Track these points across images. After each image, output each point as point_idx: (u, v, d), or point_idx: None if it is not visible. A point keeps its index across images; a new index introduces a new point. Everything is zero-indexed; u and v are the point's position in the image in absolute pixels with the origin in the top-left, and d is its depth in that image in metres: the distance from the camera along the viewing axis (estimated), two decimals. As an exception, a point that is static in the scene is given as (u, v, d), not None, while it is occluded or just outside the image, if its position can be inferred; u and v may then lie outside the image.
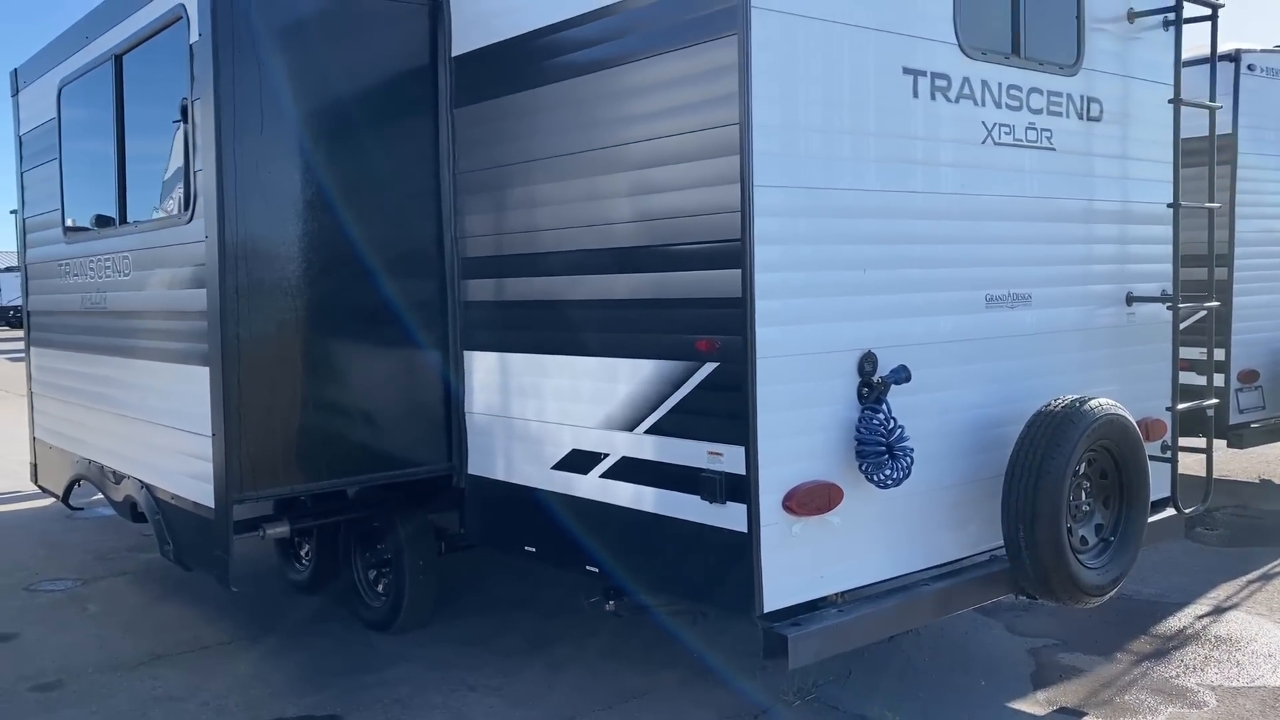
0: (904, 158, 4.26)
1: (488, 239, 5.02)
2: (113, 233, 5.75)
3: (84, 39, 5.90)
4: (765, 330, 3.79)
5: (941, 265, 4.40)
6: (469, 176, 5.07)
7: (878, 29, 4.12)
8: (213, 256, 4.54)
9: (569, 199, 4.54)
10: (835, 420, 4.04)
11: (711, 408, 3.94)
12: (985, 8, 4.51)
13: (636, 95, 4.17)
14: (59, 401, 6.82)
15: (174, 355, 5.04)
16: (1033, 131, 4.73)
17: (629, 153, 4.22)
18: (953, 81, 4.39)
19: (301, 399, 4.86)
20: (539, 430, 4.79)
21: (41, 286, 7.04)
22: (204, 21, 4.48)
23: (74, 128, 6.25)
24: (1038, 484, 4.24)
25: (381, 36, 5.00)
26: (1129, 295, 5.23)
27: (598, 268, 4.42)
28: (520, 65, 4.70)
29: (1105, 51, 5.03)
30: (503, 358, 4.98)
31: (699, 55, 3.88)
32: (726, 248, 3.82)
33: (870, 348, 4.12)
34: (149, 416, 5.38)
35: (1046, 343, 4.83)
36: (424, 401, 5.21)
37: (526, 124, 4.72)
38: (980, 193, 4.54)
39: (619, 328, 4.33)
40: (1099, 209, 5.08)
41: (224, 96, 4.47)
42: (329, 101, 4.90)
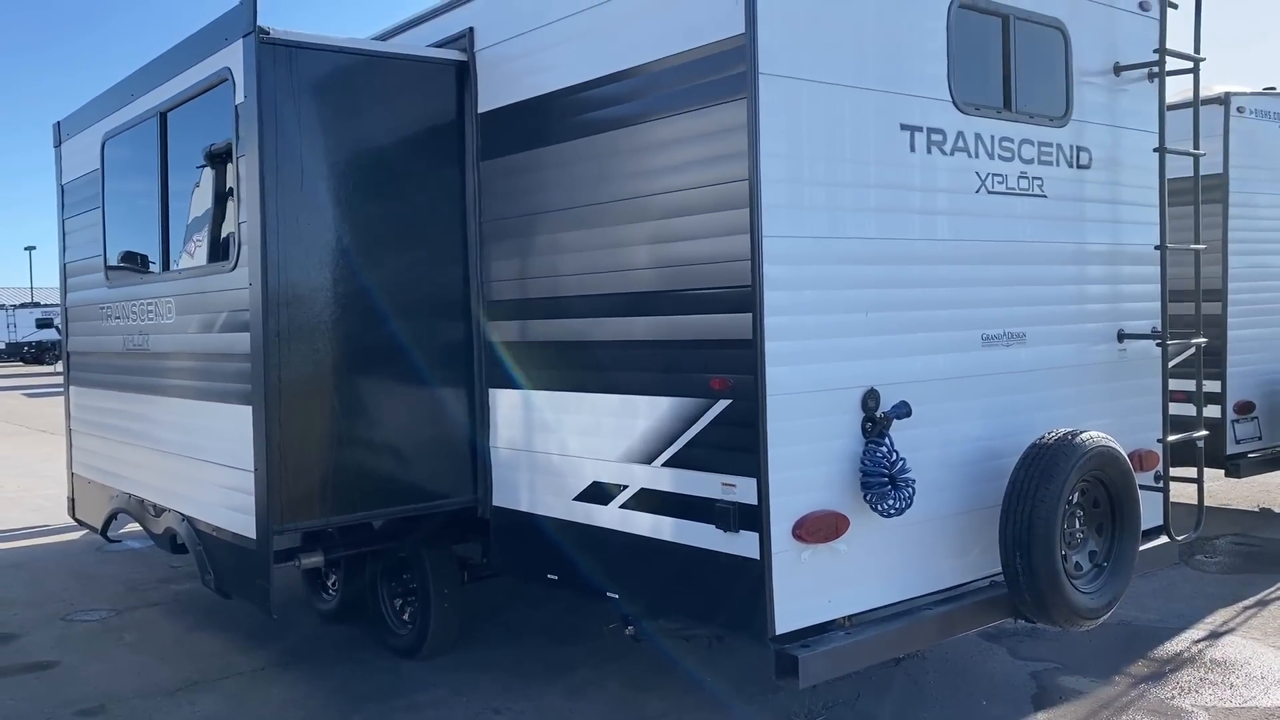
0: (902, 207, 4.56)
1: (512, 283, 5.32)
2: (155, 278, 6.07)
3: (129, 96, 6.25)
4: (775, 369, 4.07)
5: (939, 307, 4.69)
6: (494, 225, 5.38)
7: (877, 89, 4.43)
8: (256, 302, 4.84)
9: (590, 246, 4.84)
10: (841, 453, 4.31)
11: (725, 442, 4.21)
12: (978, 66, 4.82)
13: (653, 151, 4.48)
14: (99, 438, 7.11)
15: (216, 395, 5.34)
16: (1024, 180, 5.03)
17: (647, 204, 4.52)
18: (948, 135, 4.69)
19: (337, 435, 5.15)
20: (561, 463, 5.07)
21: (82, 328, 7.36)
22: (249, 84, 4.82)
23: (117, 179, 6.59)
24: (1033, 513, 4.50)
25: (413, 94, 5.33)
26: (1120, 332, 5.50)
27: (617, 310, 4.71)
28: (544, 122, 5.02)
29: (1093, 103, 5.34)
30: (526, 395, 5.27)
31: (711, 116, 4.19)
32: (738, 293, 4.11)
33: (873, 385, 4.40)
34: (191, 453, 5.67)
35: (1041, 379, 5.10)
36: (450, 437, 5.49)
37: (549, 176, 5.03)
38: (975, 238, 4.83)
39: (638, 367, 4.62)
40: (1090, 251, 5.36)
41: (267, 154, 4.80)
42: (363, 155, 5.23)
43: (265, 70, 4.79)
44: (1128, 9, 5.52)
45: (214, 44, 5.12)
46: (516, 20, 5.14)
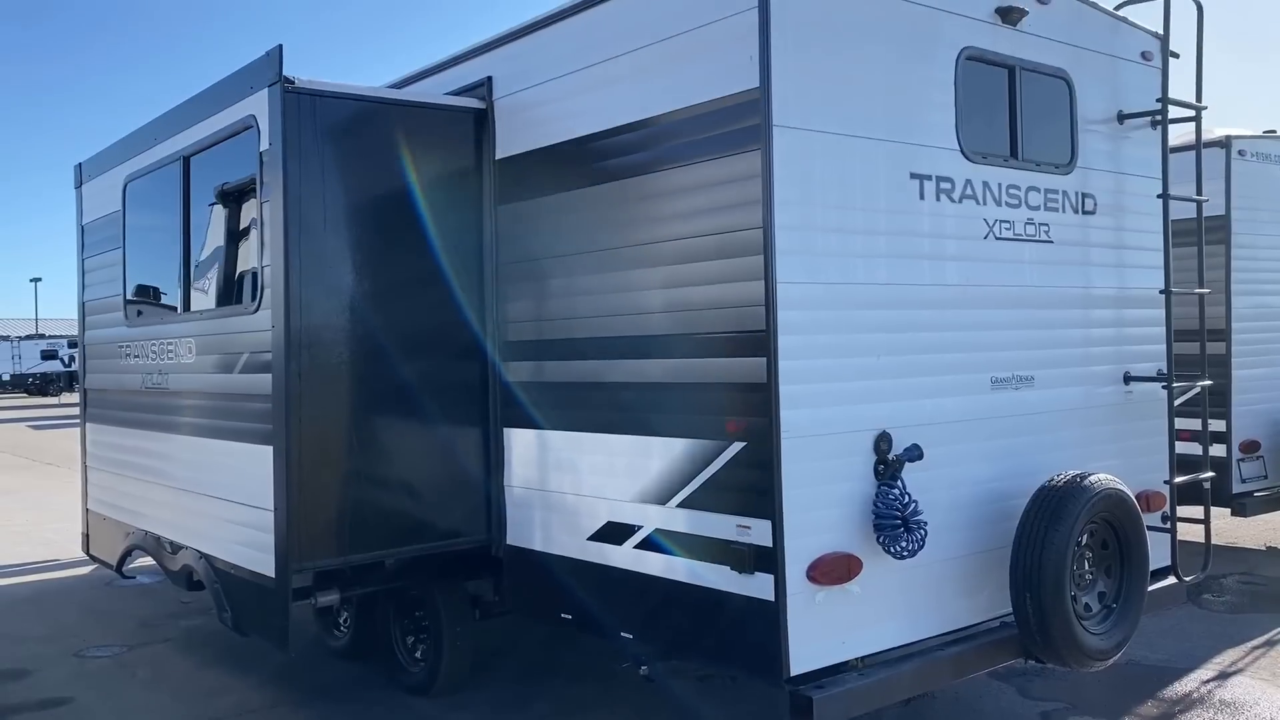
0: (913, 253, 4.65)
1: (527, 324, 5.42)
2: (176, 318, 6.17)
3: (152, 140, 6.39)
4: (789, 413, 4.15)
5: (949, 350, 4.77)
6: (510, 267, 5.48)
7: (887, 139, 4.55)
8: (278, 344, 4.94)
9: (605, 290, 4.93)
10: (854, 495, 4.38)
11: (740, 484, 4.28)
12: (985, 117, 4.93)
13: (668, 198, 4.59)
14: (116, 475, 7.19)
15: (237, 434, 5.42)
16: (1031, 226, 5.13)
17: (661, 249, 4.63)
18: (956, 184, 4.80)
19: (354, 475, 5.23)
20: (575, 503, 5.13)
21: (100, 366, 7.46)
22: (274, 132, 4.94)
23: (139, 220, 6.71)
24: (1043, 555, 4.56)
25: (432, 140, 5.46)
26: (1126, 375, 5.58)
27: (632, 352, 4.80)
28: (560, 168, 5.14)
29: (1098, 151, 5.46)
30: (540, 435, 5.34)
31: (726, 165, 4.30)
32: (752, 337, 4.20)
33: (885, 427, 4.47)
34: (209, 490, 5.75)
35: (1049, 421, 5.17)
36: (465, 476, 5.57)
37: (565, 221, 5.14)
38: (983, 283, 4.93)
39: (652, 408, 4.70)
40: (1096, 295, 5.46)
41: (292, 199, 4.91)
42: (383, 199, 5.35)
43: (290, 118, 4.91)
44: (1130, 59, 5.65)
45: (239, 92, 5.25)
46: (534, 70, 5.28)
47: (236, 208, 5.56)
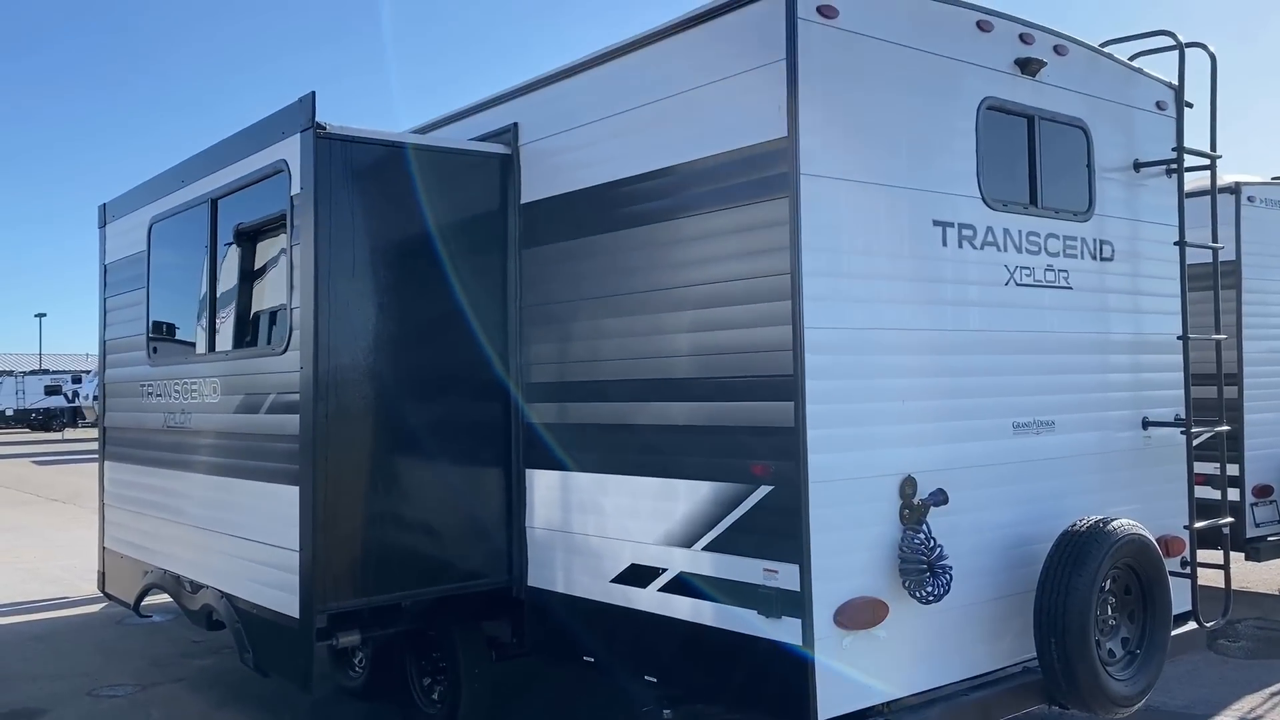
0: (936, 299, 4.71)
1: (550, 366, 5.47)
2: (200, 358, 6.22)
3: (179, 182, 6.48)
4: (817, 457, 4.18)
5: (972, 395, 4.81)
6: (534, 310, 5.54)
7: (911, 188, 4.62)
8: (307, 386, 4.99)
9: (630, 333, 4.98)
10: (880, 540, 4.40)
11: (767, 527, 4.30)
12: (1006, 165, 5.01)
13: (694, 243, 4.65)
14: (134, 513, 7.20)
15: (262, 474, 5.45)
16: (1051, 272, 5.19)
17: (688, 294, 4.68)
18: (978, 231, 4.87)
19: (378, 516, 5.25)
20: (598, 545, 5.15)
21: (120, 404, 7.50)
22: (306, 176, 5.02)
23: (164, 261, 6.79)
24: (1067, 600, 4.57)
25: (459, 185, 5.54)
26: (1144, 420, 5.62)
27: (657, 395, 4.84)
28: (586, 213, 5.21)
29: (1114, 199, 5.53)
30: (564, 476, 5.37)
31: (754, 212, 4.37)
32: (780, 382, 4.24)
33: (910, 472, 4.50)
34: (232, 530, 5.76)
35: (1070, 465, 5.20)
36: (487, 517, 5.59)
37: (590, 265, 5.20)
38: (1005, 329, 4.98)
39: (678, 451, 4.73)
40: (1114, 340, 5.51)
41: (322, 242, 4.98)
42: (410, 243, 5.41)
43: (322, 163, 4.99)
44: (1146, 108, 5.74)
45: (270, 137, 5.34)
46: (560, 118, 5.37)
47: (264, 250, 5.63)
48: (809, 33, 4.24)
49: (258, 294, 5.75)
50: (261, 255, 5.69)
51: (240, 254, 5.93)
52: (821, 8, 4.29)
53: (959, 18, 4.88)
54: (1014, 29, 5.07)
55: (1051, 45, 5.22)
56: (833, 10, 4.32)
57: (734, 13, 4.43)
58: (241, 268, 5.91)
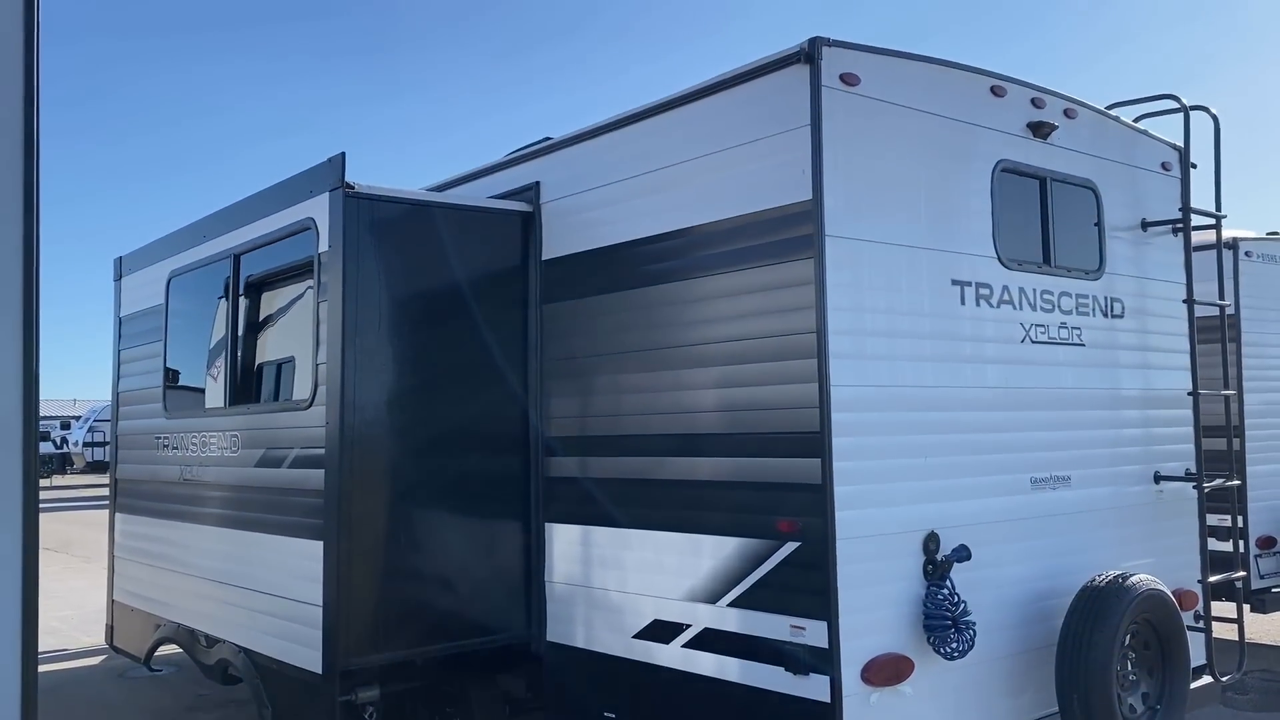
0: (955, 357, 4.80)
1: (572, 420, 5.52)
2: (219, 411, 6.26)
3: (200, 237, 6.55)
4: (844, 513, 4.24)
5: (991, 451, 4.89)
6: (555, 364, 5.60)
7: (930, 248, 4.73)
8: (332, 441, 5.03)
9: (653, 388, 5.05)
10: (905, 596, 4.44)
11: (794, 584, 4.34)
12: (1020, 226, 5.13)
13: (719, 301, 4.74)
14: (146, 566, 7.18)
15: (284, 528, 5.46)
16: (1064, 330, 5.29)
17: (712, 350, 4.76)
18: (994, 289, 4.98)
19: (400, 570, 5.27)
20: (620, 600, 5.17)
21: (134, 456, 7.51)
22: (334, 234, 5.10)
23: (182, 314, 6.84)
24: (1089, 656, 4.61)
25: (482, 242, 5.63)
26: (1156, 474, 5.69)
27: (681, 450, 4.89)
28: (607, 270, 5.30)
29: (1124, 257, 5.66)
30: (585, 530, 5.40)
31: (779, 271, 4.46)
32: (808, 438, 4.30)
33: (933, 528, 4.56)
34: (252, 585, 5.76)
35: (1086, 520, 5.26)
36: (507, 571, 5.61)
37: (612, 320, 5.28)
38: (1021, 385, 5.07)
39: (703, 506, 4.78)
40: (1125, 396, 5.60)
41: (349, 299, 5.05)
42: (434, 298, 5.49)
43: (350, 221, 5.08)
44: (1152, 169, 5.89)
45: (298, 195, 5.43)
46: (582, 177, 5.48)
47: (288, 305, 5.69)
48: (832, 100, 4.37)
49: (281, 348, 5.80)
50: (285, 310, 5.75)
51: (263, 309, 5.99)
52: (844, 75, 4.42)
53: (974, 83, 5.02)
54: (1026, 93, 5.21)
55: (1062, 109, 5.37)
56: (855, 78, 4.45)
57: (759, 79, 4.56)
58: (264, 323, 5.97)
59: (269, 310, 5.95)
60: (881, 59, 4.60)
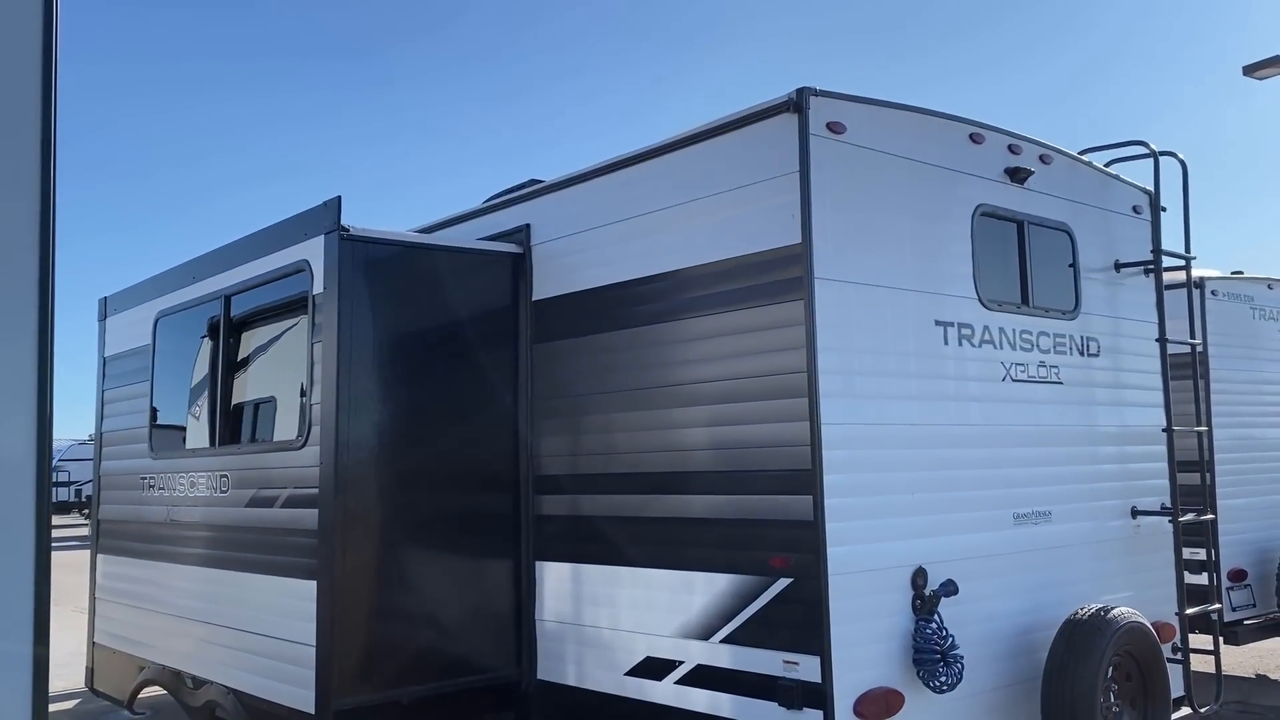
0: (940, 395, 4.93)
1: (562, 458, 5.59)
2: (208, 451, 6.27)
3: (190, 278, 6.59)
4: (836, 549, 4.32)
5: (975, 488, 5.00)
6: (546, 403, 5.68)
7: (914, 290, 4.87)
8: (326, 480, 5.06)
9: (645, 426, 5.13)
10: (894, 631, 4.53)
11: (786, 620, 4.42)
12: (999, 268, 5.29)
13: (710, 341, 4.84)
14: (130, 608, 7.13)
15: (275, 568, 5.47)
16: (1043, 368, 5.44)
17: (703, 389, 4.85)
18: (976, 329, 5.12)
19: (392, 610, 5.29)
20: (611, 638, 5.22)
21: (117, 497, 7.47)
22: (329, 276, 5.17)
23: (169, 354, 6.85)
24: (1074, 689, 4.71)
25: (473, 283, 5.72)
26: (1133, 509, 5.83)
27: (672, 488, 4.97)
28: (598, 311, 5.39)
29: (1098, 297, 5.83)
30: (575, 568, 5.45)
31: (769, 312, 4.58)
32: (799, 475, 4.40)
33: (921, 563, 4.66)
34: (242, 625, 5.75)
35: (1067, 555, 5.38)
36: (497, 609, 5.64)
37: (603, 360, 5.37)
38: (1003, 423, 5.20)
39: (694, 543, 4.85)
40: (1102, 432, 5.75)
41: (343, 340, 5.11)
42: (427, 338, 5.56)
43: (345, 264, 5.15)
44: (1123, 212, 6.08)
45: (293, 237, 5.49)
46: (573, 219, 5.59)
47: (280, 346, 5.73)
48: (820, 147, 4.51)
49: (272, 388, 5.84)
50: (277, 351, 5.79)
51: (254, 349, 6.03)
52: (831, 124, 4.57)
53: (953, 130, 5.19)
54: (1003, 140, 5.40)
55: (1037, 154, 5.55)
56: (841, 126, 4.60)
57: (749, 127, 4.70)
58: (255, 363, 6.00)
59: (260, 351, 5.99)
60: (866, 108, 4.76)
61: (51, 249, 2.91)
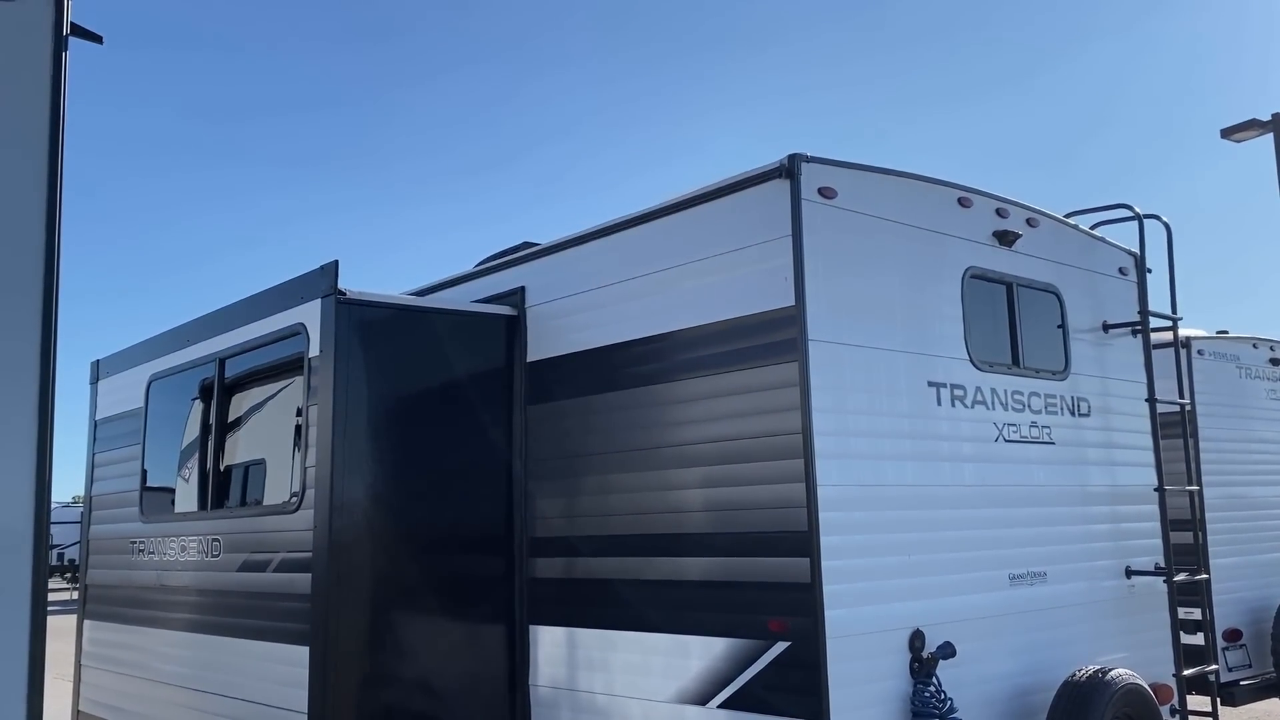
0: (934, 455, 4.95)
1: (557, 520, 5.57)
2: (200, 516, 6.22)
3: (184, 341, 6.60)
4: (833, 612, 4.31)
5: (970, 549, 5.01)
6: (540, 465, 5.67)
7: (907, 351, 4.92)
8: (320, 544, 5.03)
9: (639, 488, 5.13)
10: (892, 694, 4.50)
11: (785, 684, 4.38)
12: (989, 329, 5.35)
13: (704, 402, 4.86)
14: (117, 674, 7.01)
15: (267, 634, 5.41)
16: (1035, 428, 5.48)
17: (698, 450, 4.86)
18: (968, 390, 5.16)
19: (385, 676, 5.23)
20: (606, 704, 5.15)
21: (106, 561, 7.39)
22: (326, 339, 5.19)
23: (162, 418, 6.84)
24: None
25: (468, 345, 5.75)
26: (1127, 569, 5.83)
27: (669, 550, 4.95)
28: (592, 372, 5.42)
29: (1087, 358, 5.89)
30: (570, 632, 5.40)
31: (764, 374, 4.61)
32: (795, 537, 4.40)
33: (918, 625, 4.64)
34: (232, 692, 5.66)
35: (1063, 616, 5.37)
36: (491, 675, 5.57)
37: (597, 421, 5.38)
38: (996, 483, 5.22)
39: (690, 607, 4.82)
40: (1094, 492, 5.77)
41: (339, 403, 5.11)
42: (422, 400, 5.57)
43: (342, 327, 5.18)
44: (1109, 274, 6.17)
45: (289, 301, 5.52)
46: (568, 281, 5.63)
47: (274, 409, 5.73)
48: (812, 211, 4.59)
49: (266, 452, 5.82)
50: (271, 414, 5.79)
51: (247, 412, 6.02)
52: (822, 189, 4.65)
53: (942, 195, 5.29)
54: (991, 204, 5.49)
55: (1025, 218, 5.65)
56: (832, 191, 4.68)
57: (742, 192, 4.78)
58: (248, 426, 5.99)
59: (253, 414, 5.98)
60: (856, 173, 4.85)
61: (53, 332, 2.94)
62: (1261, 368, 9.62)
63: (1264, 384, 9.63)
